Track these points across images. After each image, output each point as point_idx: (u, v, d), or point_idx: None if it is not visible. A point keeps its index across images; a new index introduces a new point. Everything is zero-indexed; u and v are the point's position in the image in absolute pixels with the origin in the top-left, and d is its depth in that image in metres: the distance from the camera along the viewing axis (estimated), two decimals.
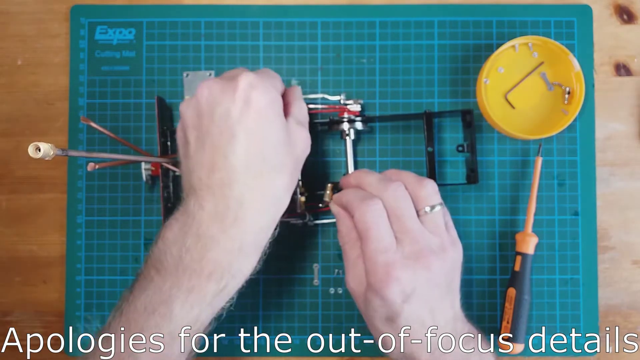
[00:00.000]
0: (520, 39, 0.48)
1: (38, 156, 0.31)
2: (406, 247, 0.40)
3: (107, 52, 0.51)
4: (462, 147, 0.49)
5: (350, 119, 0.48)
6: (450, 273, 0.42)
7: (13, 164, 0.51)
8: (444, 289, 0.41)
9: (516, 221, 0.50)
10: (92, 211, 0.50)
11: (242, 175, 0.36)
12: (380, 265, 0.39)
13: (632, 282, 0.50)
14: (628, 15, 0.51)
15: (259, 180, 0.37)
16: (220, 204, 0.36)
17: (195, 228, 0.36)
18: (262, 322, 0.49)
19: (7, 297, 0.50)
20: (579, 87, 0.48)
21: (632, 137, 0.51)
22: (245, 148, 0.36)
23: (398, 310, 0.39)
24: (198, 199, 0.37)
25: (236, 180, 0.36)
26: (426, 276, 0.40)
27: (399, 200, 0.41)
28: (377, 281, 0.39)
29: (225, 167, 0.36)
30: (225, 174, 0.36)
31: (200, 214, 0.36)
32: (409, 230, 0.40)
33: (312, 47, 0.51)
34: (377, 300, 0.39)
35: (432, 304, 0.40)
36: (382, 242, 0.40)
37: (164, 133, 0.47)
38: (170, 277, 0.36)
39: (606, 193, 0.50)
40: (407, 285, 0.39)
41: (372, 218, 0.40)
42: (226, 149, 0.36)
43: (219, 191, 0.36)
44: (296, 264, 0.50)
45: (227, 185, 0.36)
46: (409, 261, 0.39)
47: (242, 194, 0.36)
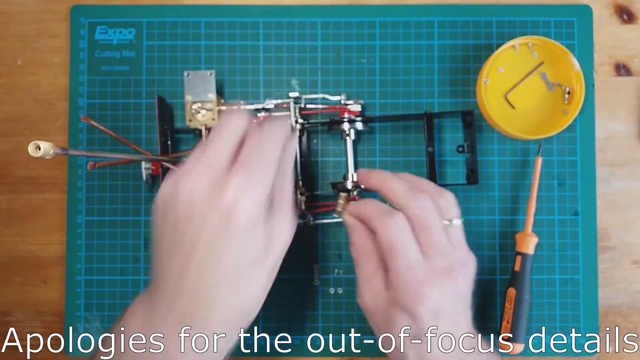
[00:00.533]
0: (520, 39, 0.48)
1: (38, 155, 0.31)
2: (436, 262, 0.39)
3: (107, 52, 0.51)
4: (462, 148, 0.49)
5: (350, 119, 0.48)
6: (469, 285, 0.41)
7: (13, 164, 0.51)
8: (465, 303, 0.40)
9: (516, 221, 0.50)
10: (92, 211, 0.50)
11: (214, 290, 0.34)
12: (411, 282, 0.38)
13: (632, 282, 0.50)
14: (628, 15, 0.51)
15: (231, 294, 0.34)
16: (188, 317, 0.34)
17: (158, 330, 0.34)
18: (262, 322, 0.49)
19: (7, 297, 0.50)
20: (579, 87, 0.48)
21: (632, 137, 0.51)
22: (218, 266, 0.33)
23: (426, 327, 0.38)
24: (164, 301, 0.34)
25: (206, 298, 0.34)
26: (454, 291, 0.39)
27: (428, 212, 0.39)
28: (407, 299, 0.38)
29: (196, 283, 0.33)
30: (193, 289, 0.33)
31: (166, 320, 0.34)
32: (438, 244, 0.39)
33: (312, 47, 0.51)
34: (405, 318, 0.38)
35: (456, 319, 0.39)
36: (410, 258, 0.38)
37: (164, 132, 0.47)
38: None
39: (606, 193, 0.50)
40: (438, 302, 0.38)
41: (397, 233, 0.39)
42: (200, 265, 0.33)
43: (188, 303, 0.34)
44: (296, 264, 0.50)
45: (198, 299, 0.34)
46: (439, 277, 0.38)
47: (211, 311, 0.34)
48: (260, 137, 0.36)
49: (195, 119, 0.47)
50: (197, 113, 0.47)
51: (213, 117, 0.47)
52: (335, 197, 0.47)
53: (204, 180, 0.33)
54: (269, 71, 0.51)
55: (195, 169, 0.34)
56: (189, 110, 0.47)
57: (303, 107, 0.49)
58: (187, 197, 0.33)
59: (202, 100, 0.47)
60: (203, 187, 0.33)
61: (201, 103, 0.47)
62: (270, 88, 0.51)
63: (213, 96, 0.47)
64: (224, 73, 0.50)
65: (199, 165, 0.34)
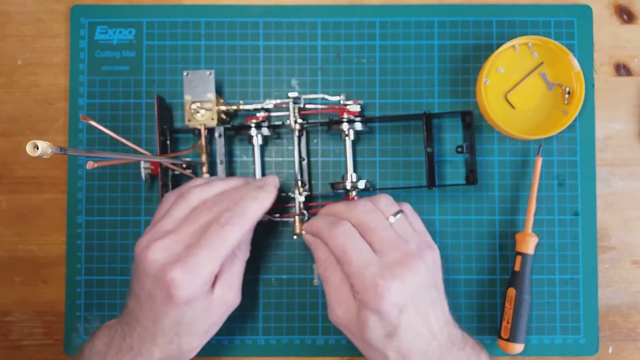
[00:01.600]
0: (520, 39, 0.48)
1: (36, 154, 0.31)
2: (388, 256, 0.40)
3: (107, 52, 0.51)
4: (461, 148, 0.49)
5: (349, 119, 0.47)
6: (434, 274, 0.41)
7: (13, 164, 0.51)
8: (434, 292, 0.41)
9: (516, 221, 0.50)
10: (92, 211, 0.50)
11: (158, 338, 0.40)
12: (369, 280, 0.38)
13: (632, 282, 0.50)
14: (628, 15, 0.51)
15: (168, 345, 0.40)
16: (136, 348, 0.40)
17: (116, 349, 0.40)
18: (262, 322, 0.49)
19: (7, 297, 0.50)
20: (579, 87, 0.48)
21: (632, 137, 0.51)
22: (161, 323, 0.39)
23: (396, 322, 0.38)
24: (125, 331, 0.41)
25: (149, 341, 0.40)
26: (415, 280, 0.39)
27: (369, 214, 0.42)
28: (369, 297, 0.38)
29: (146, 328, 0.40)
30: (144, 330, 0.40)
31: (122, 343, 0.40)
32: (386, 240, 0.41)
33: (312, 47, 0.51)
34: (374, 317, 0.39)
35: (426, 310, 0.40)
36: (363, 257, 0.40)
37: (163, 132, 0.47)
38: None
39: (606, 193, 0.50)
40: (400, 294, 0.38)
41: (345, 238, 0.41)
42: (151, 316, 0.39)
43: (138, 339, 0.40)
44: (296, 264, 0.50)
45: (146, 339, 0.40)
46: (395, 269, 0.39)
47: (152, 353, 0.40)
48: (229, 219, 0.40)
49: (194, 118, 0.47)
50: (196, 113, 0.47)
51: (212, 116, 0.47)
52: (334, 197, 0.47)
53: (155, 258, 0.38)
54: (269, 71, 0.51)
55: (152, 248, 0.38)
56: (188, 110, 0.47)
57: (302, 107, 0.49)
58: (143, 264, 0.39)
59: (201, 100, 0.47)
60: (152, 264, 0.38)
61: (200, 103, 0.47)
62: (270, 88, 0.51)
63: (212, 96, 0.47)
64: (224, 73, 0.50)
65: (158, 244, 0.39)
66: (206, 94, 0.47)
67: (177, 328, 0.39)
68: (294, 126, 0.48)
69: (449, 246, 0.50)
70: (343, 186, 0.47)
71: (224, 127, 0.48)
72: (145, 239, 0.40)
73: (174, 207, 0.41)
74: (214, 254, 0.38)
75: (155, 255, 0.38)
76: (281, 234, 0.50)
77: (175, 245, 0.39)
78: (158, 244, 0.39)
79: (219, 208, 0.40)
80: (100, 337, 0.42)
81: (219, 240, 0.39)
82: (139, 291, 0.40)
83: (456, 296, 0.49)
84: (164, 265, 0.38)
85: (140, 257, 0.39)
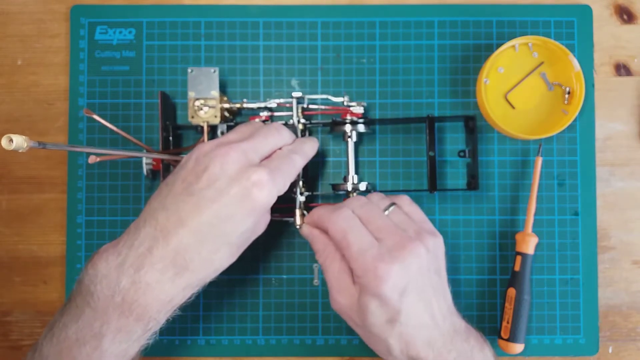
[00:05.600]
0: (520, 39, 0.48)
1: (11, 148, 0.31)
2: (388, 241, 0.40)
3: (107, 52, 0.51)
4: (463, 153, 0.49)
5: (352, 121, 0.47)
6: (436, 259, 0.42)
7: (13, 164, 0.51)
8: (435, 278, 0.41)
9: (516, 221, 0.50)
10: (92, 211, 0.50)
11: (200, 244, 0.37)
12: (369, 263, 0.39)
13: (632, 282, 0.50)
14: (628, 15, 0.51)
15: (212, 253, 0.38)
16: (168, 258, 0.37)
17: (133, 269, 0.36)
18: (262, 322, 0.49)
19: (7, 297, 0.50)
20: (579, 87, 0.48)
21: (632, 137, 0.51)
22: (217, 225, 0.37)
23: (397, 306, 0.38)
24: (152, 239, 0.37)
25: (193, 246, 0.37)
26: (416, 263, 0.39)
27: (364, 206, 0.43)
28: (369, 280, 0.38)
29: (191, 229, 0.37)
30: (187, 234, 0.37)
31: (146, 257, 0.37)
32: (384, 227, 0.41)
33: (312, 47, 0.51)
34: (375, 302, 0.39)
35: (428, 296, 0.40)
36: (363, 241, 0.40)
37: (166, 128, 0.47)
38: (100, 315, 0.36)
39: (606, 193, 0.50)
40: (400, 277, 0.38)
41: (345, 222, 0.41)
42: (201, 216, 0.37)
43: (174, 246, 0.37)
44: (296, 264, 0.50)
45: (184, 245, 0.37)
46: (395, 252, 0.39)
47: (192, 259, 0.37)
48: (294, 151, 0.42)
49: (198, 115, 0.47)
50: (200, 110, 0.47)
51: (215, 114, 0.47)
52: (335, 198, 0.47)
53: (239, 158, 0.38)
54: (269, 71, 0.51)
55: (234, 148, 0.38)
56: (191, 107, 0.47)
57: (306, 107, 0.49)
58: (221, 161, 0.38)
59: (205, 97, 0.47)
60: (235, 163, 0.38)
61: (204, 100, 0.47)
62: (270, 88, 0.51)
63: (216, 93, 0.47)
64: (224, 73, 0.50)
65: (240, 146, 0.39)
66: (210, 91, 0.47)
67: (228, 236, 0.38)
68: (297, 126, 0.48)
69: (449, 246, 0.49)
70: (344, 188, 0.47)
71: (226, 124, 0.48)
72: (215, 142, 0.39)
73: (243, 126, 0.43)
74: (287, 174, 0.40)
75: (238, 155, 0.38)
76: (281, 234, 0.50)
77: (253, 154, 0.39)
78: (240, 145, 0.39)
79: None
80: (105, 258, 0.37)
81: (292, 164, 0.41)
82: (197, 191, 0.37)
83: (456, 296, 0.49)
84: (247, 166, 0.38)
85: (217, 154, 0.38)
